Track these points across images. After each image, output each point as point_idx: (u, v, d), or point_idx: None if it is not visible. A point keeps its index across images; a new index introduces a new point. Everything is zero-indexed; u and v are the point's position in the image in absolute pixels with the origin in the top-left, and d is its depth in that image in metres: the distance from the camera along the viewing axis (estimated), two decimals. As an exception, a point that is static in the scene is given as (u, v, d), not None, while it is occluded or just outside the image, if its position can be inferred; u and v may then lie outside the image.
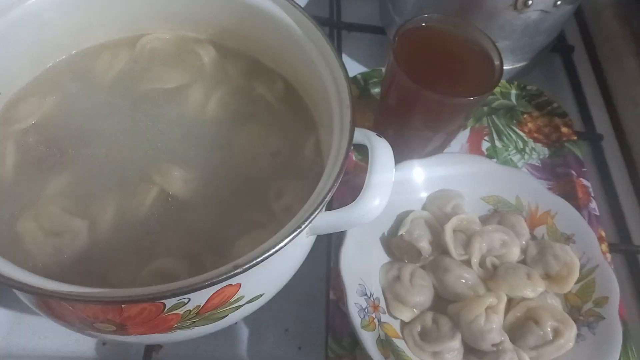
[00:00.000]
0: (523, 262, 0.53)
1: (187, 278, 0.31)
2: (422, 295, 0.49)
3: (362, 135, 0.41)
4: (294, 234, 0.33)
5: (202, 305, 0.35)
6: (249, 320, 0.51)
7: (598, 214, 0.60)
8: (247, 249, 0.33)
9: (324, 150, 0.45)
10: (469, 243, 0.52)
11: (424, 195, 0.56)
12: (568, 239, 0.54)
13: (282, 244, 0.33)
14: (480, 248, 0.51)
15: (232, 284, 0.35)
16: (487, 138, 0.66)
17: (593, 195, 0.61)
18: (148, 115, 0.46)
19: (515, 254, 0.52)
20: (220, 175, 0.44)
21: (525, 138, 0.67)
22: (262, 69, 0.50)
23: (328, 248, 0.53)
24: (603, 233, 0.58)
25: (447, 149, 0.62)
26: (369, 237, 0.51)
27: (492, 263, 0.51)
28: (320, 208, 0.35)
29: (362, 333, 0.45)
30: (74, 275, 0.38)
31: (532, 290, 0.49)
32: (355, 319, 0.45)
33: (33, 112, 0.45)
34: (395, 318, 0.49)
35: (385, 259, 0.52)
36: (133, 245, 0.40)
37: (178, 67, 0.49)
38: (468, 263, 0.51)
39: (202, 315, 0.36)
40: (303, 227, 0.34)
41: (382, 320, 0.48)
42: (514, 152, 0.65)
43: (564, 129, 0.66)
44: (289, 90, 0.49)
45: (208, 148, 0.45)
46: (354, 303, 0.46)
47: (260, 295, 0.40)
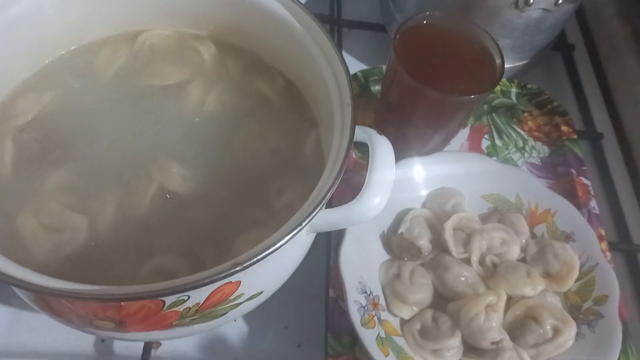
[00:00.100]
0: (523, 260, 0.53)
1: (186, 275, 0.31)
2: (421, 293, 0.49)
3: (362, 133, 0.41)
4: (294, 232, 0.33)
5: (201, 303, 0.35)
6: (249, 318, 0.51)
7: (598, 213, 0.59)
8: (246, 247, 0.33)
9: (325, 148, 0.45)
10: (469, 241, 0.51)
11: (424, 193, 0.56)
12: (568, 238, 0.54)
13: (282, 242, 0.33)
14: (480, 246, 0.51)
15: (231, 282, 0.35)
16: (487, 136, 0.66)
17: (593, 194, 0.61)
18: (147, 112, 0.46)
19: (515, 253, 0.52)
20: (220, 173, 0.44)
21: (526, 136, 0.66)
22: (262, 66, 0.50)
23: (328, 245, 0.53)
24: (603, 232, 0.58)
25: (447, 147, 0.62)
26: (369, 234, 0.51)
27: (492, 261, 0.51)
28: (321, 206, 0.34)
29: (361, 331, 0.45)
30: (73, 272, 0.38)
31: (531, 289, 0.49)
32: (355, 317, 0.45)
33: (32, 107, 0.44)
34: (395, 316, 0.49)
35: (385, 257, 0.52)
36: (133, 243, 0.40)
37: (178, 63, 0.49)
38: (468, 261, 0.51)
39: (201, 313, 0.36)
40: (303, 225, 0.34)
41: (381, 318, 0.48)
42: (514, 150, 0.65)
43: (564, 128, 0.66)
44: (290, 87, 0.49)
45: (208, 145, 0.45)
46: (354, 301, 0.46)
47: (260, 293, 0.40)
